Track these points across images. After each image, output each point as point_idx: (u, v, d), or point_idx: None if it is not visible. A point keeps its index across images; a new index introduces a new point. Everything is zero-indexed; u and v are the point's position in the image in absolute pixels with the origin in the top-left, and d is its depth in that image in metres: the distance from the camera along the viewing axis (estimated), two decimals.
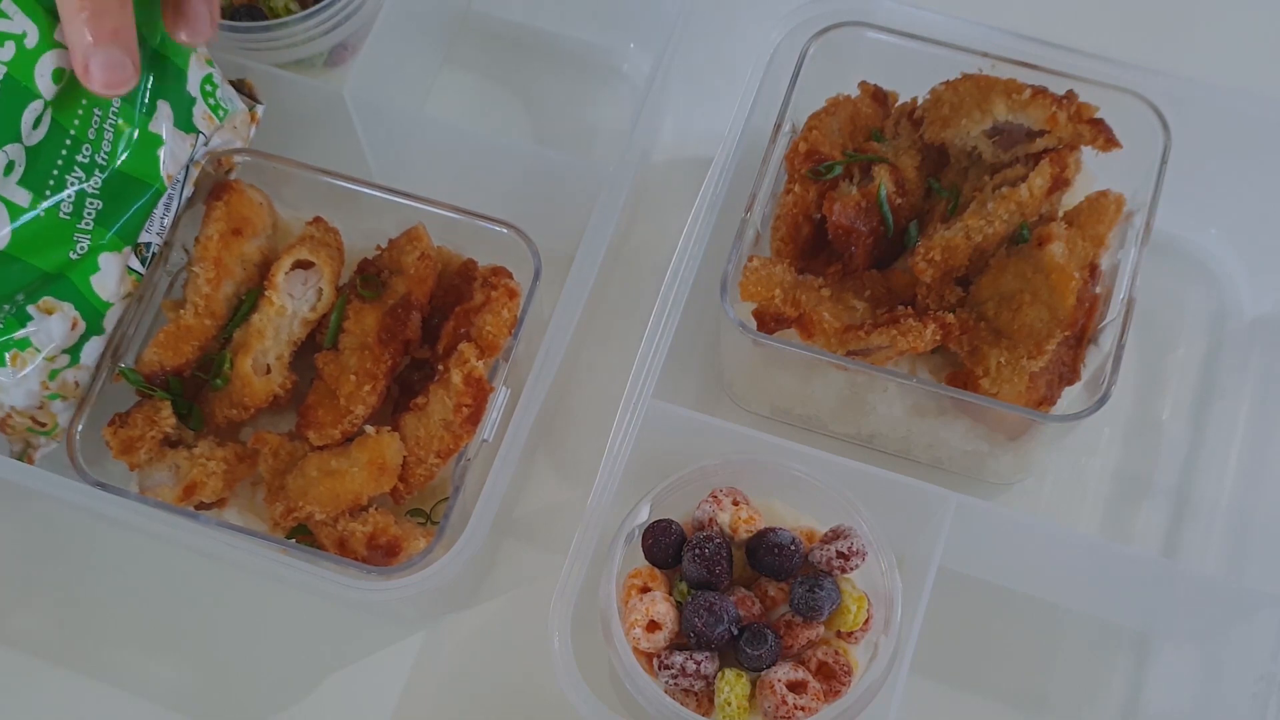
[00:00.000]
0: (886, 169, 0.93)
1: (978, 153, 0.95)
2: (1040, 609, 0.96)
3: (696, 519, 0.84)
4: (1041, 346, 0.88)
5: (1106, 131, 0.93)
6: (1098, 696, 0.93)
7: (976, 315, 0.90)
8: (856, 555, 0.81)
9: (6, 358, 0.86)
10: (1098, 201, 0.93)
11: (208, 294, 0.91)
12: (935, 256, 0.90)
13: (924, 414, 0.93)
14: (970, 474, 0.98)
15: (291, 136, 1.00)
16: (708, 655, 0.80)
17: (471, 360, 0.87)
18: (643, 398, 0.89)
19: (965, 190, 0.95)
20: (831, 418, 0.98)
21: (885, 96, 1.00)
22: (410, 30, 1.07)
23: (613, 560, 0.82)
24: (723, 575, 0.81)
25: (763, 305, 0.90)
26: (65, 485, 0.88)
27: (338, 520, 0.86)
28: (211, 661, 0.97)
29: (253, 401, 0.90)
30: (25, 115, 0.81)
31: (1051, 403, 0.90)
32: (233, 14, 1.04)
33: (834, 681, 0.80)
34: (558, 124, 1.14)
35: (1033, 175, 0.91)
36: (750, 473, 0.86)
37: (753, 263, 0.90)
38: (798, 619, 0.81)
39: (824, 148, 0.95)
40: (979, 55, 0.96)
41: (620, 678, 0.81)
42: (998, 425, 0.92)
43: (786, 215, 0.94)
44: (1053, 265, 0.89)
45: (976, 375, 0.88)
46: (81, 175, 0.86)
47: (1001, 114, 0.92)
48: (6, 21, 0.79)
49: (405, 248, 0.93)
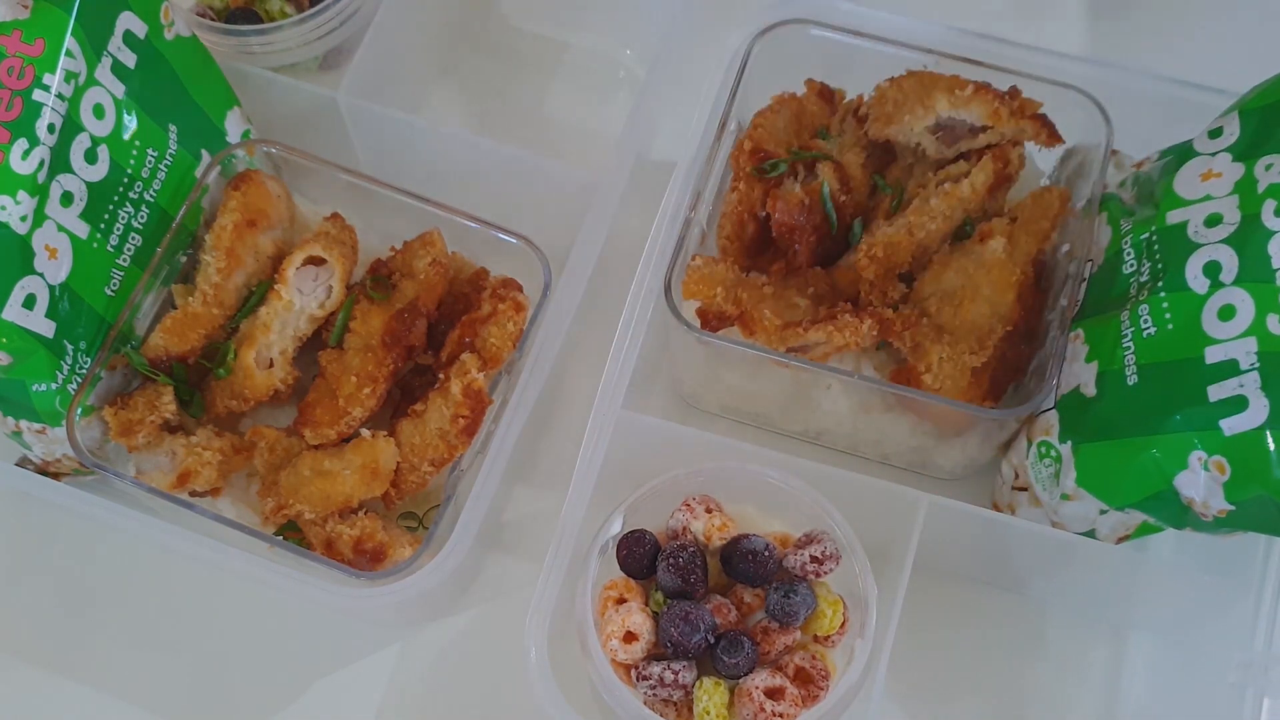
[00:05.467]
0: (830, 166, 0.93)
1: (922, 149, 0.95)
2: (1016, 605, 0.97)
3: (670, 528, 0.84)
4: (984, 342, 0.88)
5: (1049, 127, 0.93)
6: (1077, 690, 0.94)
7: (919, 311, 0.90)
8: (830, 559, 0.81)
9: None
10: (1041, 197, 0.93)
11: (218, 283, 0.91)
12: (878, 253, 0.90)
13: (869, 410, 0.93)
14: (917, 469, 0.98)
15: (285, 140, 1.00)
16: (685, 665, 0.79)
17: (473, 371, 0.87)
18: (612, 408, 0.88)
19: (910, 187, 0.95)
20: (779, 415, 0.98)
21: (832, 94, 1.00)
22: (405, 35, 1.07)
23: (588, 572, 0.82)
24: (698, 584, 0.81)
25: (705, 303, 0.90)
26: (59, 489, 0.89)
27: (327, 521, 0.87)
28: (195, 665, 0.96)
29: (253, 394, 0.90)
30: (74, 146, 0.85)
31: (996, 398, 0.90)
32: (228, 17, 1.04)
33: (812, 686, 0.80)
34: (552, 130, 1.14)
35: (975, 171, 0.92)
36: (722, 480, 0.86)
37: (695, 261, 0.91)
38: (774, 625, 0.81)
39: (769, 145, 0.95)
40: (924, 52, 0.96)
41: (598, 690, 0.80)
42: (941, 421, 0.92)
43: (731, 213, 0.94)
44: (994, 261, 0.89)
45: (919, 371, 0.88)
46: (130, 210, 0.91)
47: (944, 110, 0.93)
48: (70, 60, 0.84)
49: (419, 251, 0.93)
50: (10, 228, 0.81)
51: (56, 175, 0.84)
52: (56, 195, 0.84)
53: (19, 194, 0.81)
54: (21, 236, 0.82)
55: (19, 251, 0.82)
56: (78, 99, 0.85)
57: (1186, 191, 0.83)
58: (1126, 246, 0.86)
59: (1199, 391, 0.76)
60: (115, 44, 0.88)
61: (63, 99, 0.83)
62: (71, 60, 0.83)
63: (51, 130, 0.82)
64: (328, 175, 0.96)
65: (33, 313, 0.84)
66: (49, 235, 0.84)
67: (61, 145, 0.84)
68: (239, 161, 0.97)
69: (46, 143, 0.82)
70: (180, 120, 0.94)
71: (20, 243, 0.82)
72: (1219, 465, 0.76)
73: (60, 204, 0.85)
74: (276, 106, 1.03)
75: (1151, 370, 0.79)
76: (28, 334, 0.84)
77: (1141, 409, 0.79)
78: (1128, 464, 0.80)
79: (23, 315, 0.83)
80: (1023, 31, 0.98)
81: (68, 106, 0.84)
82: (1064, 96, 0.94)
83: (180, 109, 0.94)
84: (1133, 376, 0.80)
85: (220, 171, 0.96)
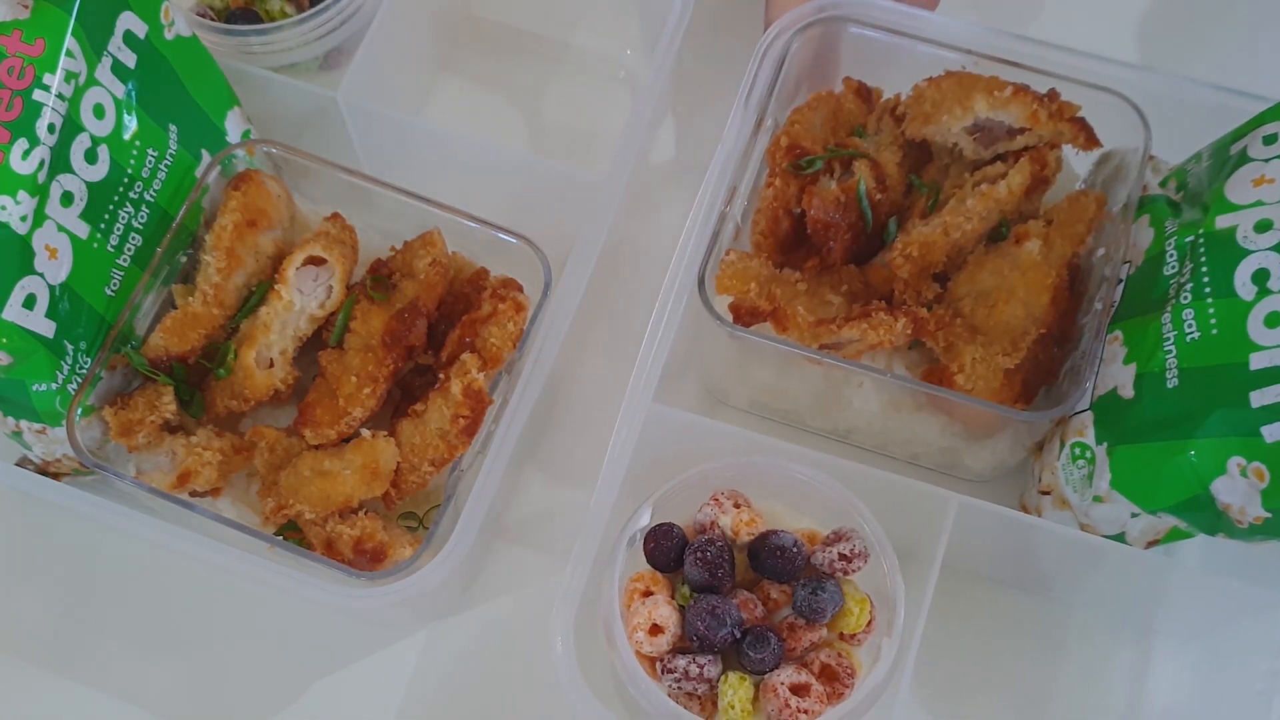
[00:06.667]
0: (867, 164, 0.93)
1: (959, 149, 0.95)
2: (1043, 608, 0.96)
3: (698, 522, 0.84)
4: (1017, 344, 0.88)
5: (1087, 130, 0.93)
6: (1102, 695, 0.94)
7: (953, 312, 0.90)
8: (859, 557, 0.81)
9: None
10: (1078, 200, 0.93)
11: (218, 283, 0.91)
12: (913, 252, 0.90)
13: (900, 409, 0.93)
14: (946, 470, 0.98)
15: (285, 140, 0.99)
16: (711, 658, 0.79)
17: (473, 371, 0.87)
18: (643, 401, 0.88)
19: (946, 187, 0.95)
20: (808, 412, 0.98)
21: (869, 93, 1.00)
22: (405, 35, 1.07)
23: (615, 564, 0.81)
24: (725, 578, 0.80)
25: (738, 298, 0.90)
26: (59, 489, 0.89)
27: (327, 521, 0.86)
28: (195, 665, 0.96)
29: (253, 394, 0.90)
30: (74, 146, 0.85)
31: (1028, 400, 0.90)
32: (228, 17, 1.04)
33: (837, 684, 0.80)
34: (553, 130, 1.14)
35: (1012, 173, 0.91)
36: (751, 475, 0.85)
37: (730, 256, 0.91)
38: (800, 621, 0.80)
39: (805, 142, 0.95)
40: (963, 52, 0.96)
41: (623, 682, 0.80)
42: (972, 422, 0.92)
43: (766, 209, 0.94)
44: (1029, 263, 0.89)
45: (951, 371, 0.88)
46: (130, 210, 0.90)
47: (983, 111, 0.92)
48: (70, 60, 0.84)
49: (419, 251, 0.93)
50: (10, 228, 0.81)
51: (56, 175, 0.84)
52: (56, 195, 0.84)
53: (19, 194, 0.81)
54: (21, 236, 0.82)
55: (19, 251, 0.82)
56: (78, 99, 0.85)
57: (1238, 197, 0.82)
58: (1170, 248, 0.85)
59: (1241, 397, 0.76)
60: (115, 44, 0.88)
61: (63, 99, 0.83)
62: (71, 60, 0.83)
63: (51, 130, 0.82)
64: (328, 175, 0.96)
65: (33, 313, 0.83)
66: (49, 235, 0.84)
67: (61, 145, 0.84)
68: (239, 161, 0.97)
69: (46, 143, 0.82)
70: (180, 120, 0.94)
71: (20, 243, 0.82)
72: (1258, 472, 0.75)
73: (60, 204, 0.84)
74: (276, 106, 1.03)
75: (1193, 374, 0.79)
76: (28, 334, 0.83)
77: (1181, 412, 0.79)
78: (1164, 467, 0.79)
79: (23, 315, 0.83)
80: (1062, 34, 0.98)
81: (68, 106, 0.83)
82: (1103, 100, 0.94)
83: (180, 109, 0.94)
84: (1173, 380, 0.80)
85: (220, 171, 0.96)
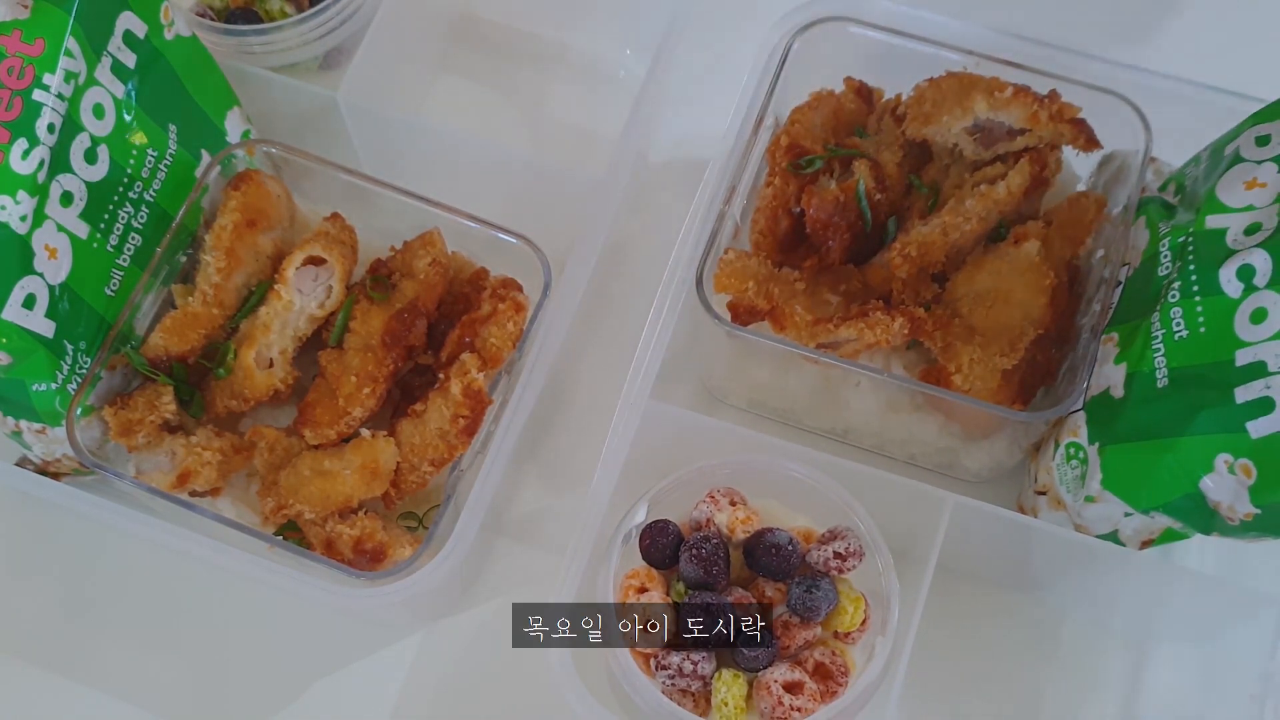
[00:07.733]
0: (866, 164, 0.93)
1: (959, 150, 0.95)
2: (1037, 609, 0.96)
3: (694, 519, 0.84)
4: (1015, 345, 0.88)
5: (1088, 131, 0.93)
6: (1095, 696, 0.94)
7: (951, 312, 0.90)
8: (854, 556, 0.81)
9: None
10: (1077, 202, 0.93)
11: (218, 283, 0.91)
12: (911, 252, 0.90)
13: (897, 409, 0.93)
14: (943, 471, 0.98)
15: (285, 140, 0.99)
16: (705, 656, 0.79)
17: (473, 371, 0.87)
18: (640, 398, 0.88)
19: (945, 187, 0.95)
20: (806, 411, 0.98)
21: (870, 92, 1.00)
22: (405, 35, 1.07)
23: (610, 560, 0.82)
24: (720, 575, 0.81)
25: (736, 297, 0.90)
26: (59, 489, 0.89)
27: (327, 521, 0.86)
28: (195, 665, 0.96)
29: (253, 394, 0.90)
30: (74, 146, 0.85)
31: (1025, 401, 0.90)
32: (228, 17, 1.04)
33: (831, 682, 0.80)
34: (552, 130, 1.14)
35: (1012, 174, 0.91)
36: (748, 473, 0.86)
37: (728, 255, 0.91)
38: (795, 619, 0.81)
39: (805, 142, 0.95)
40: (964, 53, 0.96)
41: (617, 678, 0.80)
42: (970, 422, 0.92)
43: (765, 208, 0.94)
44: (1028, 264, 0.89)
45: (949, 371, 0.88)
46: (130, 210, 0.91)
47: (983, 112, 0.92)
48: (70, 60, 0.84)
49: (419, 251, 0.93)
50: (10, 228, 0.81)
51: (56, 175, 0.84)
52: (56, 195, 0.84)
53: (19, 194, 0.81)
54: (21, 236, 0.82)
55: (19, 251, 0.82)
56: (77, 99, 0.85)
57: (1230, 199, 0.82)
58: (1164, 249, 0.85)
59: (1226, 393, 0.76)
60: (115, 44, 0.88)
61: (63, 99, 0.83)
62: (71, 60, 0.83)
63: (51, 130, 0.82)
64: (328, 175, 0.96)
65: (32, 313, 0.83)
66: (49, 235, 0.84)
67: (61, 145, 0.84)
68: (239, 161, 0.97)
69: (46, 143, 0.82)
70: (180, 120, 0.94)
71: (20, 243, 0.82)
72: (1245, 468, 0.75)
73: (60, 204, 0.84)
74: (276, 106, 1.03)
75: (1182, 373, 0.79)
76: (28, 334, 0.83)
77: (1169, 411, 0.79)
78: (1153, 466, 0.79)
79: (22, 315, 0.83)
80: (1063, 34, 0.98)
81: (67, 106, 0.83)
82: (1104, 102, 0.93)
83: (180, 109, 0.94)
84: (1163, 379, 0.80)
85: (220, 171, 0.96)
